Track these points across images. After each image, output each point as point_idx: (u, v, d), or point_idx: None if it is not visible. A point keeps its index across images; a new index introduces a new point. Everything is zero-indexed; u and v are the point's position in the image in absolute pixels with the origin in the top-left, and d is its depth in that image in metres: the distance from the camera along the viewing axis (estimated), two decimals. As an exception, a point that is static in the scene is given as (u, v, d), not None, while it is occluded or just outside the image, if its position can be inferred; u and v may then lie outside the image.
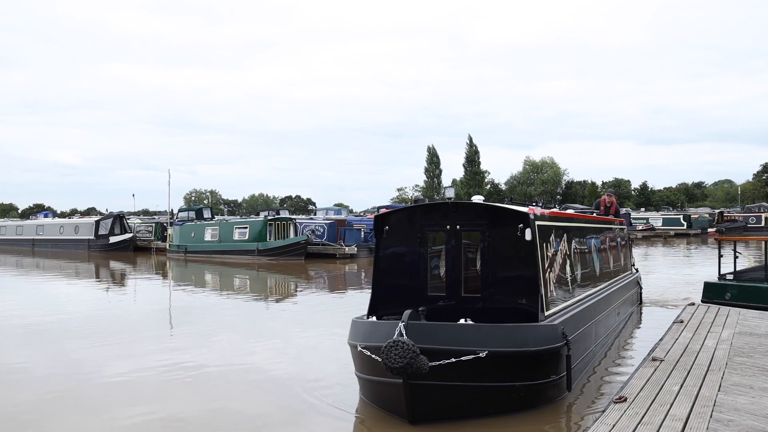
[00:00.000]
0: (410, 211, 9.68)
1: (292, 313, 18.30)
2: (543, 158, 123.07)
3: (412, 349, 6.86)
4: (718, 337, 10.01)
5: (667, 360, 8.50)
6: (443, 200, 9.40)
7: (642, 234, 62.71)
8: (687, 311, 12.62)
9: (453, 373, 7.32)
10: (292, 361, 11.29)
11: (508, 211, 8.98)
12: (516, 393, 7.78)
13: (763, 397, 6.73)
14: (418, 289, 9.27)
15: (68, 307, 19.35)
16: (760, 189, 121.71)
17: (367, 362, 7.89)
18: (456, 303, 9.05)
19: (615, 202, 18.23)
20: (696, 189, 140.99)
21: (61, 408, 8.78)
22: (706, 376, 7.67)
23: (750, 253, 31.12)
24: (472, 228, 9.12)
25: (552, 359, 8.06)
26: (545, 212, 9.75)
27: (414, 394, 7.34)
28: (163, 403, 8.87)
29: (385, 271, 9.61)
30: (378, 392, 8.08)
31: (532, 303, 8.59)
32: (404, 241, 9.50)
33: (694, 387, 7.15)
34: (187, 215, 51.09)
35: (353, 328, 8.52)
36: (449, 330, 7.65)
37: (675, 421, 5.95)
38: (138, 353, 12.10)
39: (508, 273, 8.91)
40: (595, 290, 11.76)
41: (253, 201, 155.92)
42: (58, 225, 55.31)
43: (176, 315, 18.02)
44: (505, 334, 7.71)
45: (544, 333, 8.09)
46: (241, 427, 7.94)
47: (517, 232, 8.67)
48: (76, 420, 8.29)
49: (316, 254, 38.36)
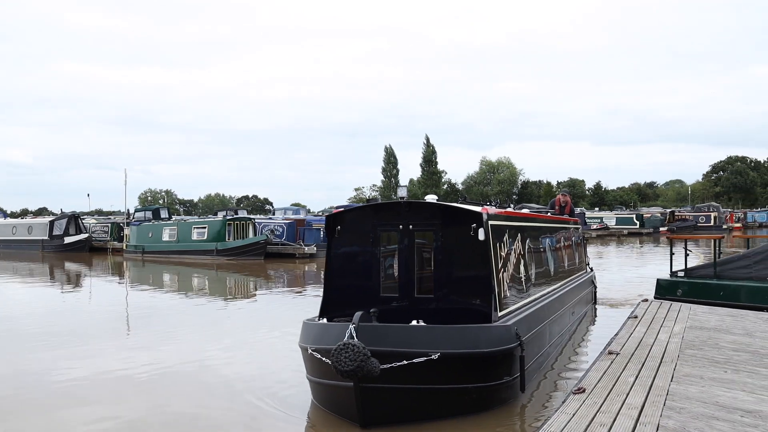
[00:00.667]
0: (362, 211, 9.55)
1: (249, 313, 18.20)
2: (499, 158, 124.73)
3: (362, 351, 6.71)
4: (671, 332, 10.42)
5: (622, 353, 8.85)
6: (396, 200, 9.32)
7: (596, 233, 63.89)
8: (641, 307, 13.06)
9: (405, 375, 7.19)
10: (246, 363, 11.22)
11: (461, 211, 8.88)
12: (469, 395, 7.74)
13: (713, 387, 7.10)
14: (370, 289, 9.13)
15: (20, 309, 18.86)
16: (710, 189, 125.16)
17: (317, 365, 7.77)
18: (409, 304, 8.92)
19: (570, 201, 18.19)
20: (648, 189, 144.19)
21: (7, 411, 8.58)
22: (660, 367, 8.02)
23: (700, 251, 32.02)
24: (425, 228, 8.99)
25: (505, 360, 8.00)
26: (499, 212, 9.72)
27: (365, 397, 7.18)
28: (113, 406, 8.76)
29: (337, 271, 9.46)
30: (329, 396, 7.96)
31: (485, 303, 8.50)
32: (356, 241, 9.36)
33: (649, 378, 7.49)
34: (144, 215, 50.46)
35: (304, 330, 8.37)
36: (401, 332, 7.54)
37: (631, 409, 6.26)
38: (91, 355, 11.97)
39: (461, 273, 8.84)
40: (549, 290, 11.73)
41: (209, 201, 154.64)
42: (11, 225, 54.04)
43: (132, 316, 17.72)
44: (457, 336, 7.62)
45: (497, 334, 8.01)
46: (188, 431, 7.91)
47: (471, 231, 8.55)
48: (23, 423, 8.15)
49: (275, 254, 38.22)
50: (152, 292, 23.43)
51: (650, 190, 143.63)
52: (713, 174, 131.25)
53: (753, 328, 10.70)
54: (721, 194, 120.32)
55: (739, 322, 11.22)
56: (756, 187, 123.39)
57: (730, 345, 9.40)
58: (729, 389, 7.00)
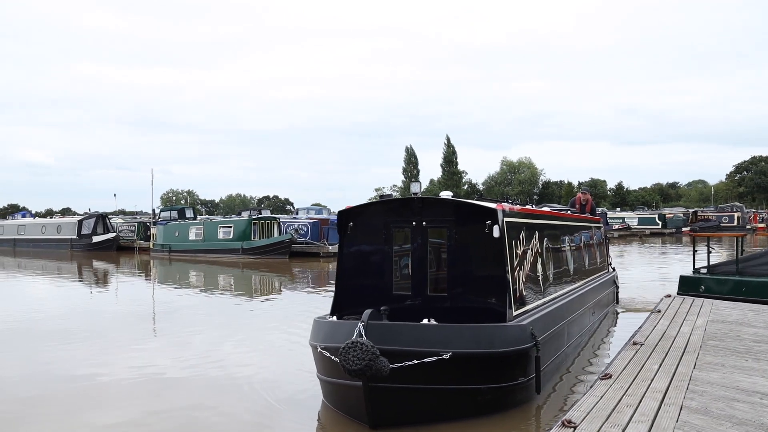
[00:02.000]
0: (375, 207, 9.34)
1: (273, 311, 18.33)
2: (520, 158, 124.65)
3: (371, 350, 6.53)
4: (693, 324, 10.75)
5: (646, 344, 9.20)
6: (409, 196, 9.09)
7: (618, 233, 63.88)
8: (664, 302, 13.37)
9: (415, 375, 7.03)
10: (264, 364, 11.20)
11: (475, 207, 8.70)
12: (482, 396, 7.60)
13: (734, 373, 7.45)
14: (382, 287, 8.94)
15: (44, 307, 19.18)
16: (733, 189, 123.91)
17: (327, 364, 7.65)
18: (422, 302, 8.73)
19: (590, 199, 17.85)
20: (670, 189, 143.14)
21: (28, 412, 8.60)
22: (683, 356, 8.37)
23: (722, 251, 32.14)
24: (439, 224, 8.78)
25: (520, 361, 7.84)
26: (515, 209, 9.51)
27: (374, 397, 7.03)
28: (130, 408, 8.72)
29: (349, 269, 9.32)
30: (338, 395, 7.82)
31: (500, 302, 8.32)
32: (369, 237, 9.18)
33: (672, 366, 7.85)
34: (169, 215, 51.51)
35: (314, 328, 8.26)
36: (411, 330, 7.37)
37: (656, 392, 6.63)
38: (111, 354, 12.10)
39: (475, 271, 8.65)
40: (568, 289, 11.50)
41: (230, 201, 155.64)
42: (40, 225, 55.17)
43: (158, 314, 17.93)
44: (470, 335, 7.47)
45: (512, 333, 7.86)
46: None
47: (485, 228, 8.35)
48: (43, 424, 8.12)
49: (299, 253, 38.82)
50: (178, 291, 23.87)
51: (672, 191, 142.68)
52: (737, 174, 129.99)
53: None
54: (745, 194, 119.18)
55: (761, 317, 11.51)
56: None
57: (752, 337, 9.72)
58: (749, 376, 7.35)
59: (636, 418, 5.76)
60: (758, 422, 5.65)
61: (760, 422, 5.65)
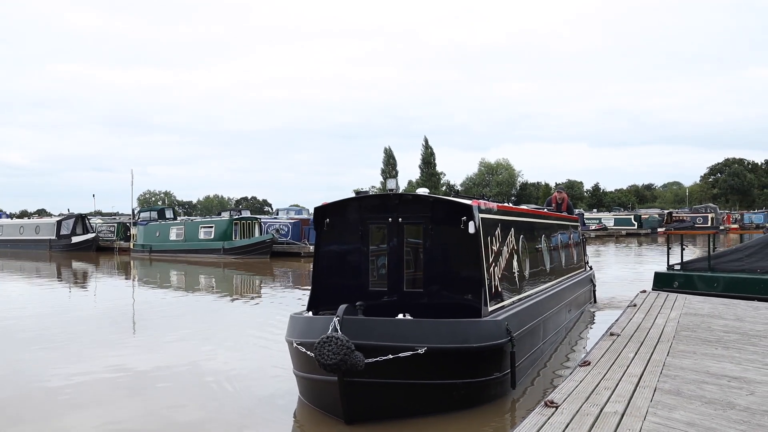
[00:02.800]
0: (352, 204, 9.26)
1: (252, 311, 18.35)
2: (498, 160, 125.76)
3: (346, 345, 6.56)
4: (667, 317, 11.22)
5: (623, 335, 9.65)
6: (385, 192, 9.15)
7: (595, 233, 64.78)
8: (639, 297, 13.88)
9: (390, 370, 7.05)
10: (241, 362, 11.15)
11: (451, 203, 8.77)
12: (457, 391, 7.62)
13: (704, 360, 7.91)
14: (359, 283, 8.96)
15: (20, 309, 18.68)
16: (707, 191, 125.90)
17: (302, 359, 7.68)
18: (398, 298, 8.75)
19: (567, 198, 17.86)
20: (646, 191, 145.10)
21: (6, 416, 8.27)
22: (657, 345, 8.82)
23: (696, 249, 32.89)
24: (415, 221, 8.81)
25: (495, 356, 7.90)
26: (491, 205, 9.56)
27: (349, 392, 7.03)
28: (107, 410, 8.48)
29: (325, 265, 9.32)
30: (314, 391, 7.84)
31: (475, 298, 8.37)
32: (345, 233, 9.19)
33: (647, 354, 8.29)
34: (149, 215, 51.63)
35: (290, 324, 8.27)
36: (386, 325, 7.36)
37: (632, 377, 7.05)
38: (88, 356, 11.79)
39: (451, 267, 8.70)
40: (544, 287, 11.62)
41: (208, 202, 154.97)
42: (18, 225, 54.95)
43: (137, 313, 17.81)
44: (445, 330, 7.49)
45: (487, 328, 7.90)
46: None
47: (461, 224, 8.44)
48: (17, 427, 7.87)
49: (280, 253, 39.11)
50: (158, 291, 23.69)
51: (648, 192, 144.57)
52: (711, 176, 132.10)
53: (743, 315, 11.51)
54: (719, 196, 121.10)
55: (731, 310, 12.04)
56: (753, 189, 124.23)
57: (722, 328, 10.21)
58: (719, 362, 7.81)
59: (613, 399, 6.17)
60: (725, 401, 6.10)
61: (728, 401, 6.10)
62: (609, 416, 5.64)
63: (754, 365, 7.65)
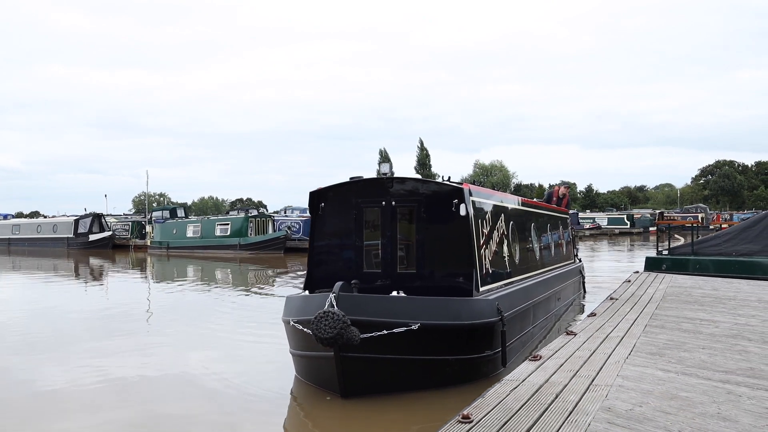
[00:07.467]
0: (346, 187, 9.36)
1: (269, 304, 17.69)
2: (492, 161, 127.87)
3: (342, 319, 6.66)
4: (656, 288, 13.60)
5: (620, 299, 11.98)
6: (379, 176, 9.30)
7: (589, 232, 67.09)
8: (633, 276, 16.29)
9: (385, 345, 7.20)
10: (244, 354, 10.94)
11: (443, 186, 8.95)
12: (449, 367, 7.79)
13: (684, 311, 10.29)
14: (353, 265, 9.11)
15: (39, 306, 18.12)
16: (698, 192, 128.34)
17: (299, 337, 7.81)
18: (391, 280, 8.88)
19: (568, 195, 18.19)
20: (638, 192, 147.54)
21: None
22: (648, 304, 11.16)
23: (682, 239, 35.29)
24: (408, 204, 8.94)
25: (486, 334, 8.08)
26: (482, 189, 9.82)
27: (346, 367, 7.18)
28: (98, 412, 7.89)
29: (320, 247, 9.50)
30: (311, 367, 7.97)
31: (467, 280, 8.51)
32: (340, 217, 9.33)
33: (640, 309, 10.63)
34: (161, 215, 53.96)
35: (287, 305, 8.44)
36: (381, 302, 7.58)
37: (628, 321, 9.38)
38: (94, 356, 11.02)
39: (443, 249, 8.84)
40: (534, 273, 11.91)
41: (202, 204, 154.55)
42: (36, 224, 56.89)
43: (154, 309, 17.38)
44: (438, 307, 7.69)
45: (478, 307, 8.10)
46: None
47: (452, 207, 8.62)
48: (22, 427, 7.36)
49: (293, 248, 41.33)
50: (175, 286, 23.67)
51: (641, 194, 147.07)
52: (702, 177, 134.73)
53: (719, 287, 13.89)
54: (710, 197, 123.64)
55: (709, 283, 14.45)
56: (743, 190, 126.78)
57: (700, 294, 12.58)
58: (695, 312, 10.17)
59: (615, 333, 8.47)
60: (696, 331, 8.47)
61: (697, 331, 8.46)
62: (613, 339, 7.95)
63: (722, 314, 10.01)
